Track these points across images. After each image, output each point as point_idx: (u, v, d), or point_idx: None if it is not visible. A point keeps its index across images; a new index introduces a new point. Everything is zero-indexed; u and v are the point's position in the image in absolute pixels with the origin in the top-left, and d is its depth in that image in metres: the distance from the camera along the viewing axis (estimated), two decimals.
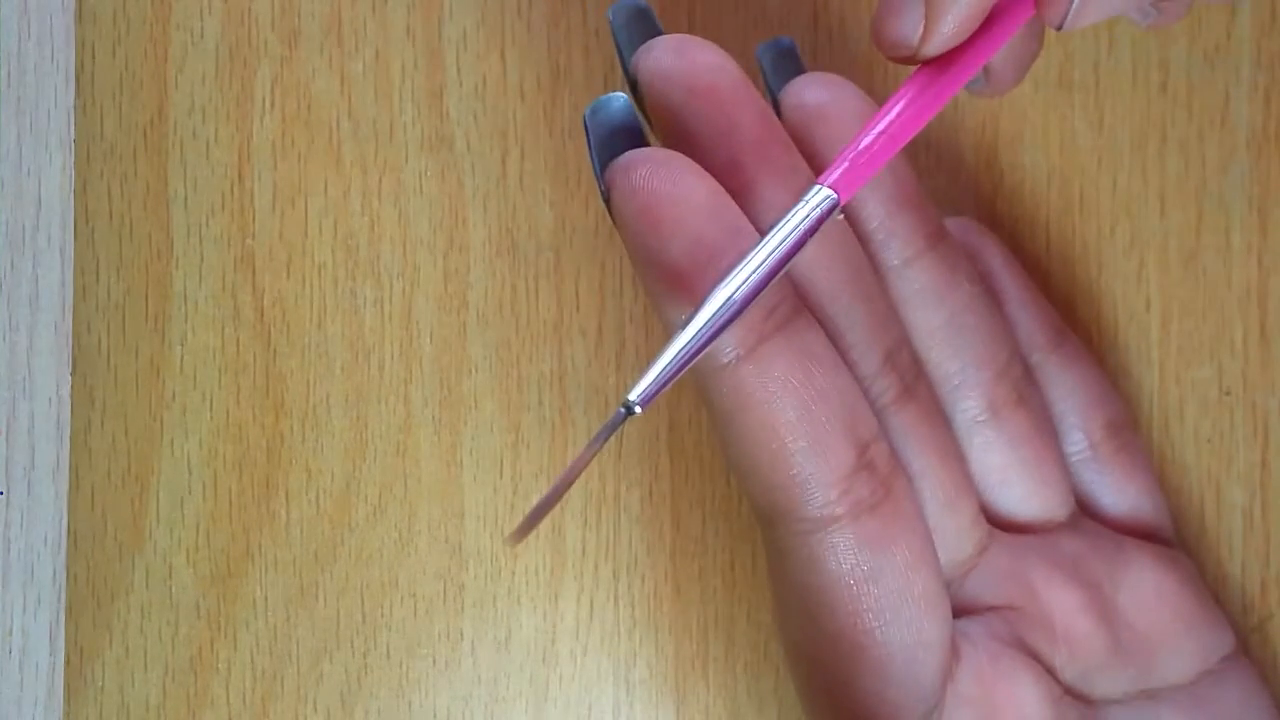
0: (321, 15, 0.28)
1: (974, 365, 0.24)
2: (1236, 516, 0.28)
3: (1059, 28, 0.20)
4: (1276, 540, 0.28)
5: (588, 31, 0.28)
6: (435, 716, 0.27)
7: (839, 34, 0.28)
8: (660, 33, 0.22)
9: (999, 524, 0.24)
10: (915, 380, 0.23)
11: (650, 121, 0.22)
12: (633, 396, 0.18)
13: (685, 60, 0.21)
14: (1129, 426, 0.26)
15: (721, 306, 0.19)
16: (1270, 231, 0.28)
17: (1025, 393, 0.24)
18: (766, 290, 0.19)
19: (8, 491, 0.28)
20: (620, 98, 0.21)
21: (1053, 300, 0.27)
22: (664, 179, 0.20)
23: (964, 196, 0.28)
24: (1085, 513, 0.25)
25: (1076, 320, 0.28)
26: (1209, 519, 0.28)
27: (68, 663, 0.27)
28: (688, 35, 0.22)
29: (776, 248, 0.19)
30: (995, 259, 0.26)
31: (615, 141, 0.21)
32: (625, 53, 0.22)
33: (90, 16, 0.28)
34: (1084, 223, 0.28)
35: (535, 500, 0.27)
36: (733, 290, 0.19)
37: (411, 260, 0.28)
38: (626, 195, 0.20)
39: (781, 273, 0.19)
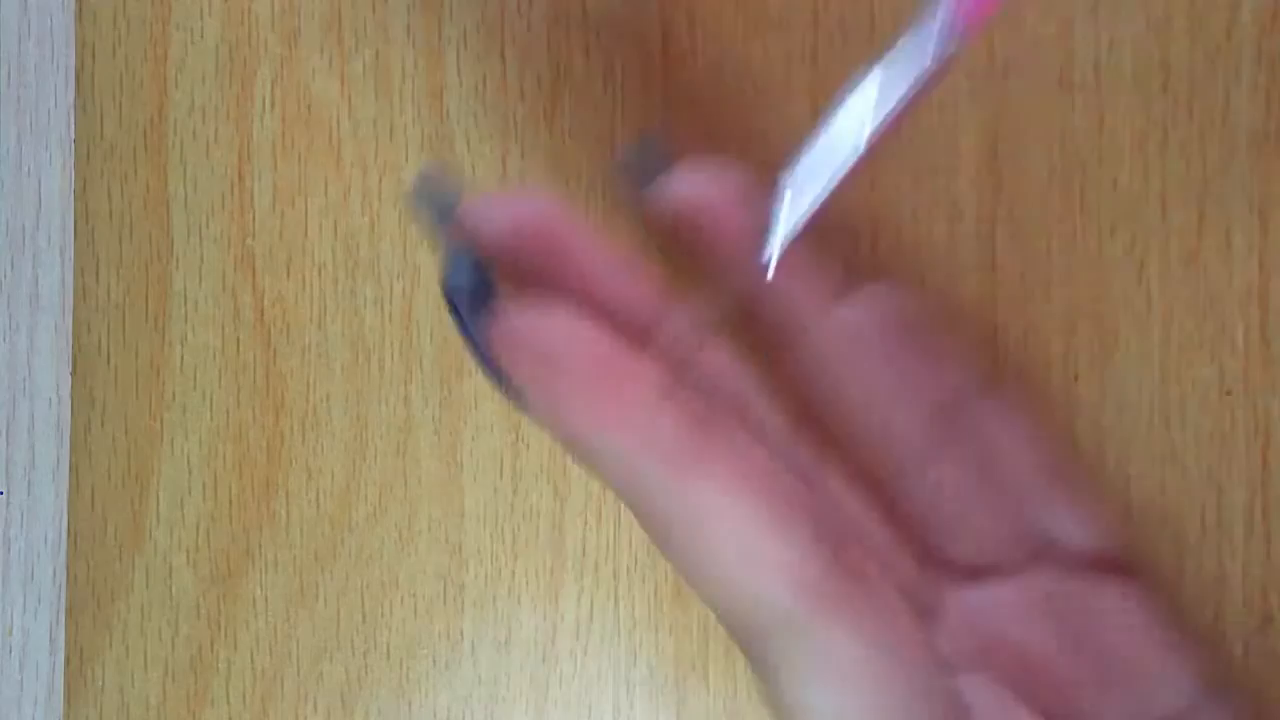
0: (321, 15, 0.28)
1: (904, 414, 0.24)
2: (1237, 516, 0.28)
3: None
4: (1277, 540, 0.28)
5: (588, 31, 0.28)
6: (435, 716, 0.27)
7: (839, 34, 0.28)
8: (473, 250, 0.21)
9: (958, 572, 0.24)
10: (830, 441, 0.23)
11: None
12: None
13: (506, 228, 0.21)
14: (1072, 460, 0.26)
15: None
16: (1271, 231, 0.28)
17: (962, 437, 0.24)
18: (687, 398, 0.19)
19: (8, 491, 0.28)
20: (464, 258, 0.21)
21: (1053, 301, 0.27)
22: (529, 315, 0.20)
23: (964, 197, 0.28)
24: (1043, 551, 0.25)
25: (1077, 321, 0.28)
26: (1209, 519, 0.28)
27: (68, 663, 0.27)
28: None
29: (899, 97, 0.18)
30: (919, 312, 0.26)
31: (479, 301, 0.21)
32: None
33: (90, 16, 0.28)
34: (1084, 223, 0.28)
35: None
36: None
37: (411, 260, 0.28)
38: (511, 347, 0.20)
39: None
